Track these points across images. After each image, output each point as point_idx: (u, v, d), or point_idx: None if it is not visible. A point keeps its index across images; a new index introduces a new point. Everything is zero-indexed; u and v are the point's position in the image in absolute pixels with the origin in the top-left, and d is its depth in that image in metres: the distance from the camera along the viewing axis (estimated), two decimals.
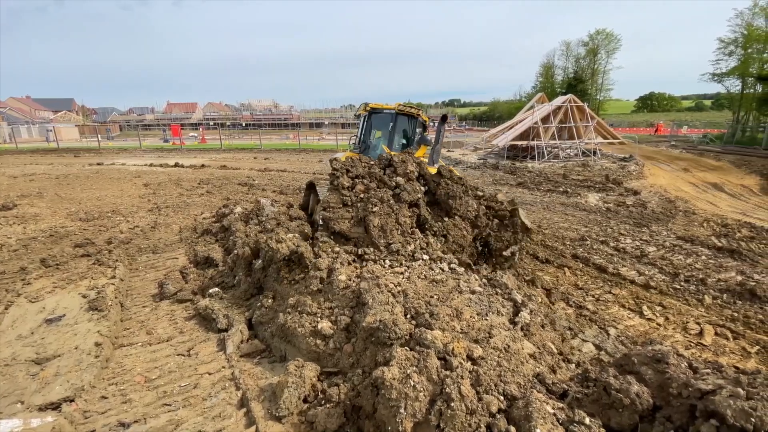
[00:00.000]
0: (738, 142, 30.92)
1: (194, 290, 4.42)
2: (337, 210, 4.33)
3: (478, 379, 1.90)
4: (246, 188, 13.32)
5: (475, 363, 2.04)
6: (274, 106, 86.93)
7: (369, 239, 4.11)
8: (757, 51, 32.31)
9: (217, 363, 2.84)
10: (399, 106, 7.60)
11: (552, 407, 1.76)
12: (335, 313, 2.58)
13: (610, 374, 1.87)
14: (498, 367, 2.00)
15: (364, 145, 7.98)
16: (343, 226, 4.21)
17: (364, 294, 2.42)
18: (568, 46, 54.91)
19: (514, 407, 1.79)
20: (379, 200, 4.34)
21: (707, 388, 1.57)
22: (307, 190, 8.18)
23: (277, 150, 29.99)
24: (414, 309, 2.38)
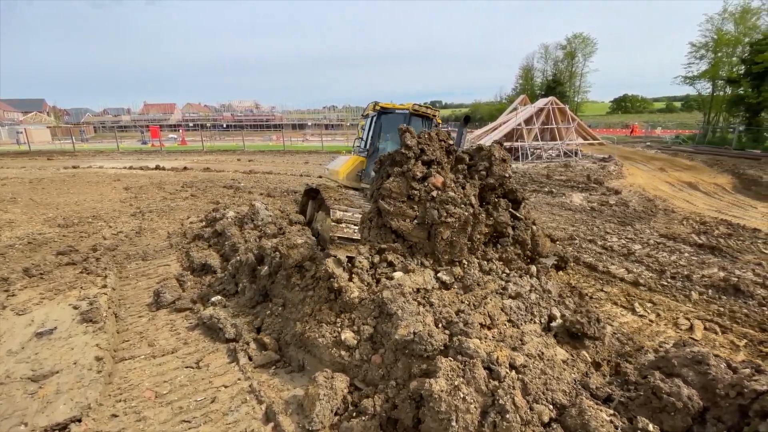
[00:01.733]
0: (709, 143, 32.35)
1: (193, 298, 4.27)
2: (399, 203, 3.46)
3: (526, 388, 1.87)
4: (232, 191, 13.05)
5: (518, 371, 2.00)
6: (255, 106, 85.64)
7: (430, 248, 3.47)
8: (726, 54, 33.94)
9: (231, 375, 2.74)
10: (414, 106, 7.03)
11: (606, 414, 1.75)
12: (357, 323, 2.52)
13: (656, 377, 1.88)
14: (543, 375, 1.96)
15: (372, 148, 7.40)
16: (402, 224, 3.46)
17: (389, 304, 2.36)
18: (546, 49, 56.34)
19: (567, 416, 1.76)
20: (456, 205, 3.42)
21: (763, 389, 1.62)
22: (305, 196, 7.74)
23: (260, 151, 29.53)
24: (444, 318, 2.32)
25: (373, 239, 3.60)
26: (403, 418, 1.91)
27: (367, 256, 3.34)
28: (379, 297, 2.49)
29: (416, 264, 3.32)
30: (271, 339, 2.99)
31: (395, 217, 3.51)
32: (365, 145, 7.79)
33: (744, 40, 32.34)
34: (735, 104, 33.62)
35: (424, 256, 3.48)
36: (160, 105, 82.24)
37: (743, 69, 31.76)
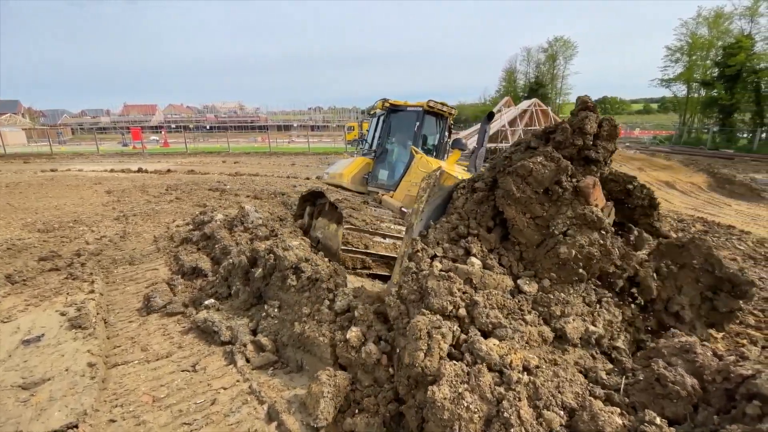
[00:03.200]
0: (685, 143, 33.53)
1: (185, 302, 4.23)
2: (530, 191, 2.75)
3: (537, 392, 1.86)
4: (218, 193, 12.91)
5: (530, 373, 1.97)
6: (239, 107, 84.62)
7: (532, 255, 2.84)
8: (700, 58, 35.27)
9: (230, 377, 2.74)
10: (429, 103, 6.39)
11: (619, 416, 1.79)
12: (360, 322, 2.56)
13: (660, 365, 1.94)
14: (555, 378, 1.96)
15: (380, 149, 6.82)
16: (518, 217, 2.80)
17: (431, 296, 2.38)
18: (528, 52, 57.47)
19: (578, 421, 1.77)
20: (593, 228, 2.69)
21: (748, 373, 1.73)
22: (304, 202, 7.24)
23: (246, 153, 29.23)
24: (488, 322, 2.27)
25: (466, 213, 3.02)
26: (408, 419, 1.94)
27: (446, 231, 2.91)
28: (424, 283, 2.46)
29: (496, 262, 2.83)
30: (269, 340, 3.01)
31: (516, 204, 2.80)
32: (371, 145, 7.26)
33: (717, 44, 33.70)
34: (709, 106, 35.00)
35: (516, 259, 2.89)
36: (141, 106, 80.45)
37: (717, 72, 33.11)
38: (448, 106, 6.70)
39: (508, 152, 3.17)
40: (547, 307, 2.59)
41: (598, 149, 2.93)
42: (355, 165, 7.06)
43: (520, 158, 2.92)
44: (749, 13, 31.37)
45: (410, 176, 5.86)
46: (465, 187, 3.19)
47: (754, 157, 24.23)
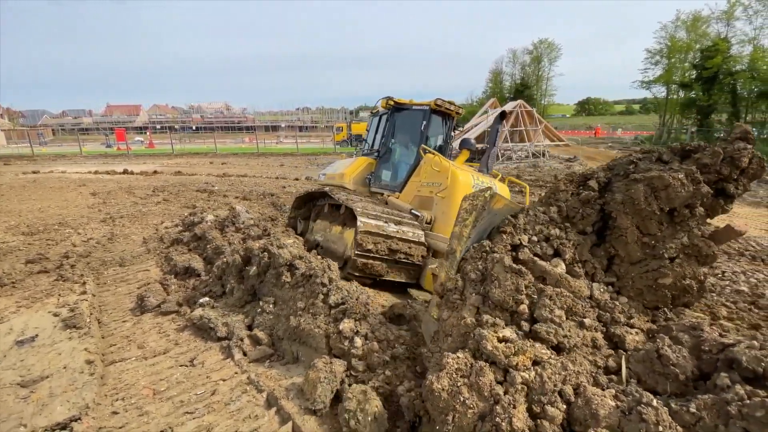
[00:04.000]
0: (665, 143, 34.42)
1: (179, 301, 4.30)
2: (651, 205, 2.53)
3: (543, 387, 1.89)
4: (206, 195, 12.87)
5: (540, 366, 1.99)
6: (226, 108, 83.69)
7: (624, 270, 2.69)
8: (679, 60, 36.34)
9: (228, 370, 2.84)
10: (437, 102, 6.11)
11: (612, 398, 1.84)
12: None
13: (665, 343, 2.00)
14: (563, 371, 1.98)
15: (384, 149, 6.55)
16: (631, 231, 2.64)
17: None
18: (514, 53, 58.44)
19: (574, 407, 1.84)
20: (701, 261, 2.67)
21: (729, 342, 1.90)
22: (300, 205, 6.99)
23: (233, 154, 29.03)
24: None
25: (568, 210, 2.81)
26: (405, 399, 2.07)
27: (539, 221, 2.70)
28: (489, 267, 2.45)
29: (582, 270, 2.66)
30: (265, 334, 3.12)
31: (634, 215, 2.57)
32: (371, 145, 7.04)
33: (695, 47, 34.79)
34: (687, 107, 36.12)
35: (602, 269, 2.73)
36: (125, 107, 78.92)
37: (694, 74, 34.16)
38: (456, 105, 6.49)
39: (634, 157, 2.91)
40: (610, 313, 2.47)
41: (738, 185, 2.69)
42: (356, 165, 6.80)
43: (647, 168, 2.69)
44: (725, 17, 32.54)
45: (419, 176, 5.70)
46: (573, 182, 3.00)
47: None
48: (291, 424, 2.15)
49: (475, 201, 2.87)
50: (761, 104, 31.05)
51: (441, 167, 5.25)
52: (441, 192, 5.16)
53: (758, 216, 12.24)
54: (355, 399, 2.06)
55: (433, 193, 5.34)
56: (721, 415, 1.66)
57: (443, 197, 5.13)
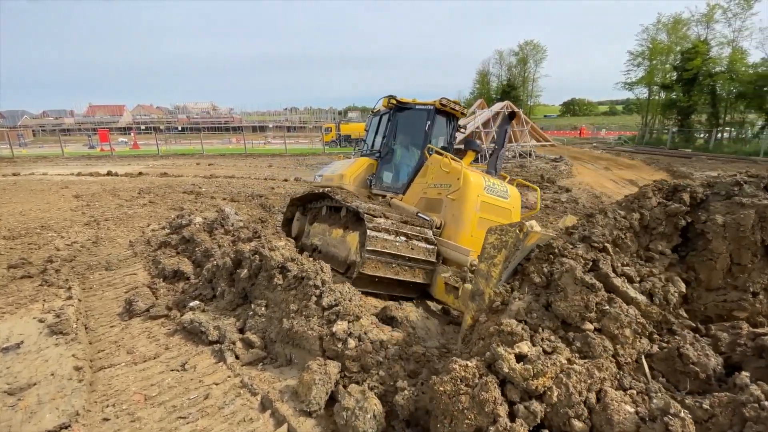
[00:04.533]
0: (647, 143, 35.32)
1: (169, 305, 4.26)
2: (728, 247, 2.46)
3: (569, 398, 1.84)
4: (193, 196, 12.73)
5: (566, 375, 1.91)
6: (212, 108, 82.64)
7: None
8: (660, 62, 37.22)
9: (221, 373, 2.83)
10: (442, 101, 5.89)
11: (630, 404, 1.79)
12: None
13: (687, 341, 1.98)
14: (589, 379, 1.91)
15: (386, 150, 6.30)
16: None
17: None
18: (501, 55, 59.08)
19: (593, 413, 1.80)
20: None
21: (762, 331, 1.94)
22: (293, 206, 6.71)
23: (221, 155, 28.71)
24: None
25: (646, 214, 2.59)
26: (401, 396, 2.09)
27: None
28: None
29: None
30: (257, 337, 3.12)
31: (732, 242, 2.43)
32: (371, 146, 6.82)
33: (676, 49, 35.63)
34: (668, 108, 37.02)
35: (683, 293, 2.51)
36: (108, 107, 77.20)
37: (675, 75, 35.01)
38: (461, 106, 6.30)
39: (740, 179, 2.69)
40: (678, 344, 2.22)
41: None
42: (357, 166, 6.54)
43: (753, 193, 2.50)
44: (705, 20, 33.38)
45: (425, 178, 5.50)
46: (662, 190, 2.79)
47: (710, 156, 25.88)
48: (286, 427, 2.16)
49: (504, 237, 2.61)
50: (739, 105, 31.98)
51: (451, 168, 5.04)
52: (452, 194, 4.93)
53: None
54: (353, 398, 2.09)
55: (441, 195, 5.13)
56: (735, 414, 1.66)
57: (454, 199, 4.91)
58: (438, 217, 4.99)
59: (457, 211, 4.86)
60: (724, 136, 32.75)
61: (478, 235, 4.69)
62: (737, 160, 23.61)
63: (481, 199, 4.87)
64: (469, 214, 4.79)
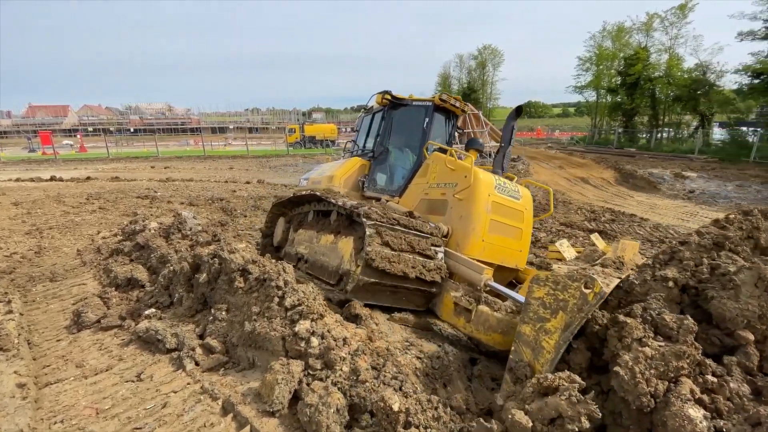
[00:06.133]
0: (596, 143, 37.64)
1: (122, 315, 4.06)
2: None
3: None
4: (148, 201, 12.17)
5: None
6: (168, 109, 78.83)
7: None
8: (606, 67, 39.80)
9: (179, 381, 2.74)
10: (441, 97, 5.51)
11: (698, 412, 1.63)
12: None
13: None
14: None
15: (380, 149, 5.88)
16: None
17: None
18: (461, 58, 60.78)
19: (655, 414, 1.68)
20: None
21: None
22: (275, 212, 6.25)
23: (177, 157, 27.53)
24: None
25: None
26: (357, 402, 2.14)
27: None
28: None
29: None
30: (218, 342, 3.05)
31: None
32: (363, 145, 6.40)
33: (620, 55, 38.22)
34: (614, 110, 39.74)
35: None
36: (50, 107, 71.63)
37: (620, 80, 37.60)
38: (462, 102, 5.84)
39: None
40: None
41: None
42: (348, 167, 6.02)
43: None
44: (645, 28, 36.06)
45: (426, 178, 5.04)
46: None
47: (651, 154, 28.01)
48: (249, 428, 2.14)
49: (561, 294, 2.07)
50: (676, 107, 34.84)
51: (457, 165, 4.59)
52: (459, 193, 4.43)
53: (676, 207, 13.77)
54: (316, 394, 2.11)
55: (446, 195, 4.64)
56: None
57: (461, 199, 4.40)
58: (444, 224, 4.41)
59: (465, 212, 4.34)
60: (664, 135, 35.57)
61: (489, 239, 4.34)
62: (675, 158, 25.70)
63: (492, 199, 4.38)
64: (479, 214, 4.28)
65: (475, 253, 4.19)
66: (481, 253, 4.23)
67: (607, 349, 2.04)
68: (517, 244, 4.72)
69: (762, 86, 26.05)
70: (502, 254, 4.50)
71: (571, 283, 2.07)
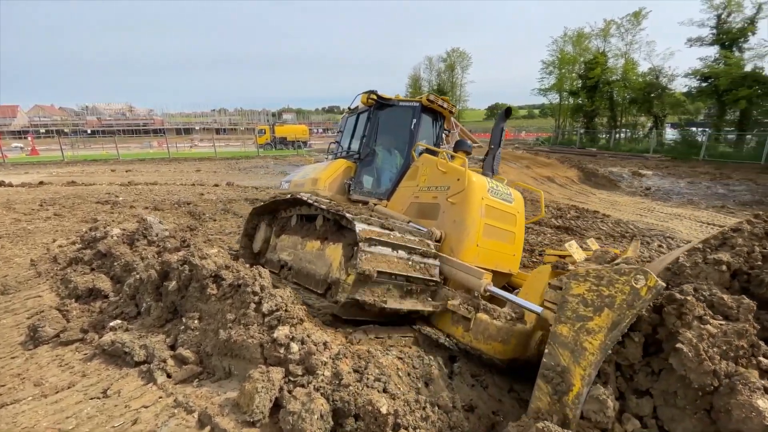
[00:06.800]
0: (560, 143, 39.27)
1: (84, 328, 3.82)
2: None
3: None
4: (109, 206, 11.56)
5: None
6: (128, 109, 75.20)
7: None
8: (568, 71, 41.58)
9: (151, 395, 2.61)
10: (428, 98, 5.44)
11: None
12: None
13: None
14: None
15: (366, 151, 5.73)
16: None
17: None
18: (430, 61, 61.57)
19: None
20: None
21: None
22: (256, 217, 5.88)
23: (140, 160, 26.34)
24: None
25: None
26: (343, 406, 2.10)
27: None
28: None
29: None
30: (191, 352, 2.93)
31: None
32: (348, 146, 6.22)
33: (580, 59, 40.04)
34: (576, 111, 41.64)
35: None
36: None
37: (580, 83, 39.41)
38: (450, 103, 5.77)
39: None
40: None
41: None
42: (332, 169, 5.83)
43: None
44: (603, 34, 37.98)
45: (415, 180, 4.93)
46: None
47: (611, 153, 29.56)
48: None
49: (607, 289, 1.94)
50: (632, 109, 36.91)
51: (449, 168, 4.52)
52: (452, 196, 4.34)
53: (634, 203, 14.55)
54: (299, 401, 2.06)
55: (438, 198, 4.54)
56: None
57: (454, 203, 4.31)
58: (437, 229, 4.33)
59: (458, 216, 4.25)
60: (621, 136, 37.58)
61: (484, 244, 4.28)
62: (632, 157, 27.22)
63: (486, 203, 4.32)
64: (473, 219, 4.21)
65: (470, 258, 4.08)
66: (476, 259, 4.14)
67: (663, 327, 1.98)
68: (511, 248, 4.71)
69: (709, 89, 28.17)
70: (496, 259, 4.46)
71: (618, 278, 1.93)
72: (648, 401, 1.92)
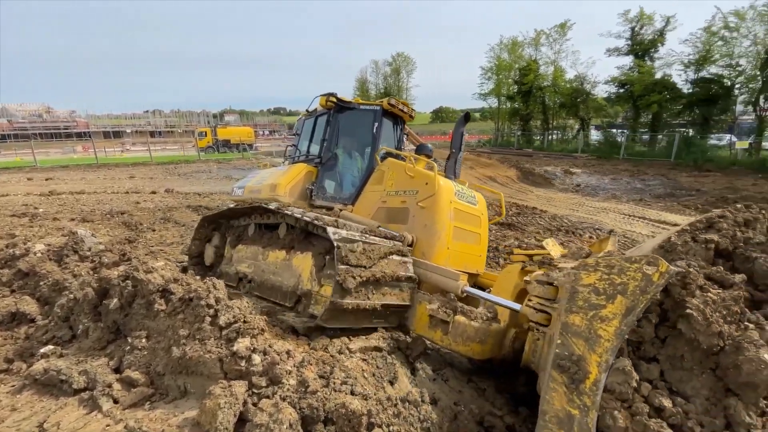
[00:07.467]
0: (500, 145, 41.70)
1: (8, 357, 3.42)
2: None
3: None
4: (27, 219, 10.39)
5: None
6: (45, 111, 67.46)
7: None
8: (505, 77, 44.18)
9: (96, 424, 2.39)
10: (389, 101, 5.46)
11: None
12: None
13: None
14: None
15: (327, 155, 5.58)
16: None
17: None
18: (377, 64, 62.11)
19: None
20: None
21: None
22: (207, 226, 5.56)
23: (62, 167, 23.87)
24: None
25: None
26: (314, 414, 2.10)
27: None
28: None
29: None
30: (140, 374, 2.73)
31: None
32: (307, 150, 6.01)
33: (515, 66, 42.70)
34: (513, 115, 44.51)
35: None
36: None
37: (516, 88, 42.07)
38: (409, 107, 5.89)
39: None
40: None
41: None
42: (293, 174, 5.59)
43: None
44: (534, 43, 40.85)
45: (382, 185, 4.90)
46: None
47: (545, 154, 31.96)
48: None
49: (619, 277, 1.97)
50: (562, 112, 40.16)
51: (416, 172, 4.55)
52: (421, 201, 4.37)
53: (567, 199, 15.82)
54: (265, 412, 2.02)
55: (407, 203, 4.55)
56: None
57: (424, 207, 4.34)
58: (408, 233, 4.29)
59: (429, 220, 4.30)
60: (554, 137, 40.70)
61: (454, 247, 4.38)
62: (564, 156, 29.60)
63: (454, 206, 4.43)
64: (443, 222, 4.31)
65: (441, 261, 4.16)
66: (447, 261, 4.22)
67: (669, 298, 2.16)
68: (477, 248, 4.88)
69: (626, 95, 31.59)
70: (464, 260, 4.60)
71: (629, 265, 2.00)
72: (655, 366, 2.13)
